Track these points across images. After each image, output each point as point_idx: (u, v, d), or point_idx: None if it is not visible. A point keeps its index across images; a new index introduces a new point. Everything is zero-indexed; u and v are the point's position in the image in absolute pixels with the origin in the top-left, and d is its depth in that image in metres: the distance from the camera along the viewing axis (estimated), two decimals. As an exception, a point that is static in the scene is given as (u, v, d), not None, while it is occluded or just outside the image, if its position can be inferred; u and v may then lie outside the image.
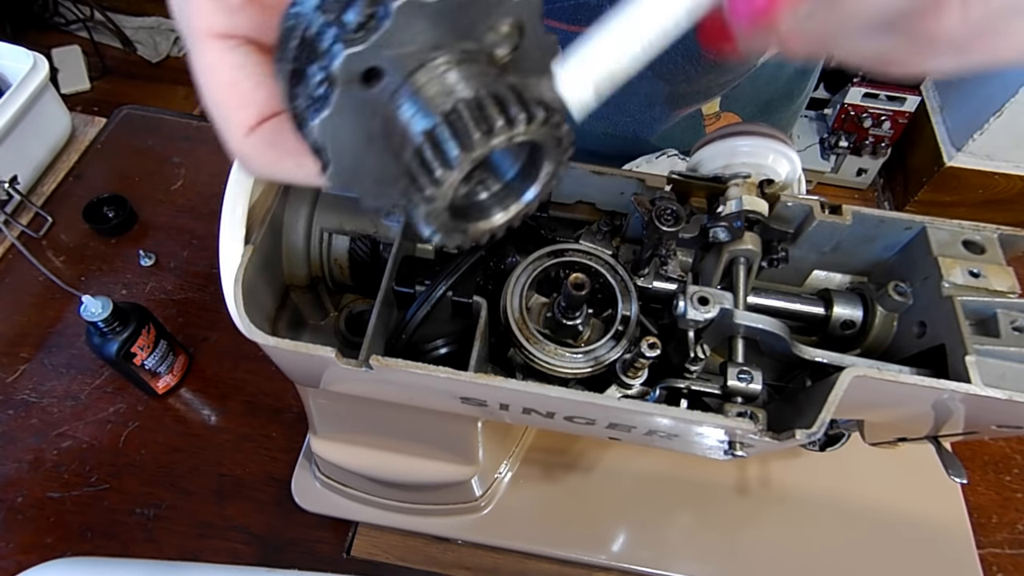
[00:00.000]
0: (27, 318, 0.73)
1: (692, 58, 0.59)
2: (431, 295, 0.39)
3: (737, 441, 0.37)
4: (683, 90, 0.64)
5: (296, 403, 0.67)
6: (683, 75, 0.61)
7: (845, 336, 0.43)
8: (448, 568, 0.59)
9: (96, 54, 2.20)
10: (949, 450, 0.43)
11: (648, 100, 0.66)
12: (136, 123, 0.92)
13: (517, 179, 0.25)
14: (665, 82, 0.63)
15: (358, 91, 0.20)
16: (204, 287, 0.76)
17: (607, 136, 0.71)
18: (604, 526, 0.59)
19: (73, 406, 0.67)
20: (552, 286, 0.44)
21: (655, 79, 0.62)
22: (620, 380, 0.38)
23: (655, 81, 0.62)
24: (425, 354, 0.41)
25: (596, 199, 0.46)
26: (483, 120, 0.20)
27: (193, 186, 0.85)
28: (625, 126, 0.70)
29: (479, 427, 0.50)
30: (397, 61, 0.20)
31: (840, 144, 1.99)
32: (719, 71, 0.61)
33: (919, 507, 0.60)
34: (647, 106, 0.67)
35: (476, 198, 0.25)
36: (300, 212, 0.44)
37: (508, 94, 0.20)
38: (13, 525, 0.60)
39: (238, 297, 0.36)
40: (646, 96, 0.65)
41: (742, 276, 0.41)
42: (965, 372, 0.34)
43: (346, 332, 0.51)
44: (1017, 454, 0.67)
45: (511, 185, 0.25)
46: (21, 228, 0.79)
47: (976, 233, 0.40)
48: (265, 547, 0.60)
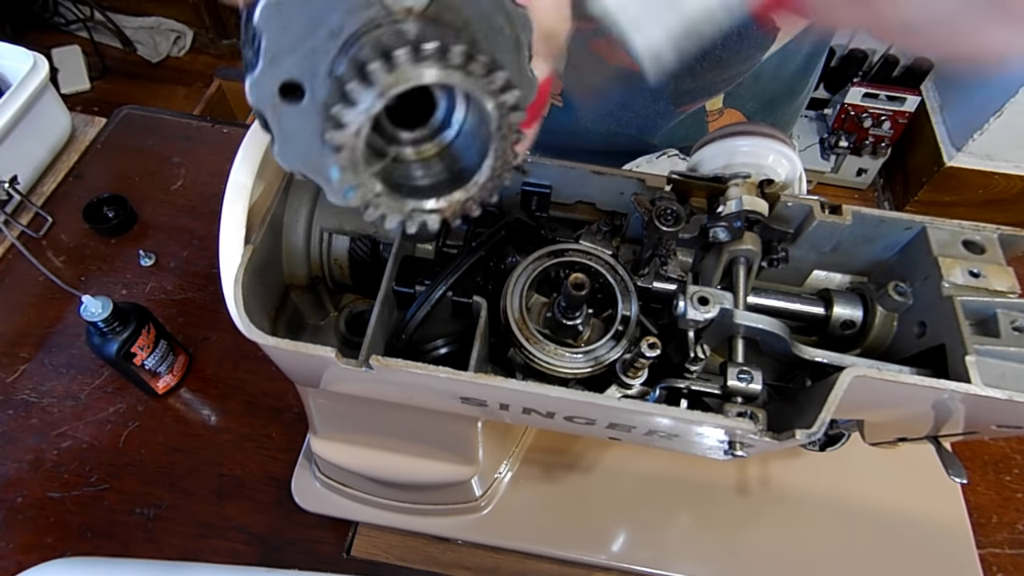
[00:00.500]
0: (27, 318, 0.73)
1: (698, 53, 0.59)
2: (431, 295, 0.39)
3: (737, 441, 0.37)
4: (688, 86, 0.65)
5: (296, 403, 0.67)
6: (688, 70, 0.61)
7: (845, 336, 0.43)
8: (448, 568, 0.59)
9: (96, 54, 2.20)
10: (949, 450, 0.43)
11: (653, 97, 0.66)
12: (136, 123, 0.92)
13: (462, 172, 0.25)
14: (671, 78, 0.63)
15: (287, 109, 0.21)
16: (204, 287, 0.76)
17: (612, 134, 0.72)
18: (604, 526, 0.59)
19: (73, 406, 0.67)
20: (552, 286, 0.44)
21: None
22: (620, 380, 0.38)
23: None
24: (425, 354, 0.41)
25: (596, 199, 0.45)
26: (387, 56, 0.19)
27: (193, 186, 0.85)
28: (630, 123, 0.70)
29: (479, 427, 0.50)
30: (302, 65, 0.20)
31: (840, 144, 1.99)
32: (724, 67, 0.61)
33: (919, 507, 0.60)
34: (652, 103, 0.67)
35: (415, 179, 0.25)
36: (300, 212, 0.44)
37: (420, 35, 0.20)
38: (13, 525, 0.60)
39: (238, 297, 0.36)
40: (651, 93, 0.65)
41: (742, 276, 0.41)
42: (965, 372, 0.34)
43: (346, 332, 0.51)
44: (1017, 454, 0.67)
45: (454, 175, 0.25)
46: (21, 228, 0.79)
47: (976, 233, 0.40)
48: (265, 547, 0.60)
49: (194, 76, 2.24)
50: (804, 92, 0.75)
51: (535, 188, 0.45)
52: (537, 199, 0.46)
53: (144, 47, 2.27)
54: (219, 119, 0.94)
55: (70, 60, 2.17)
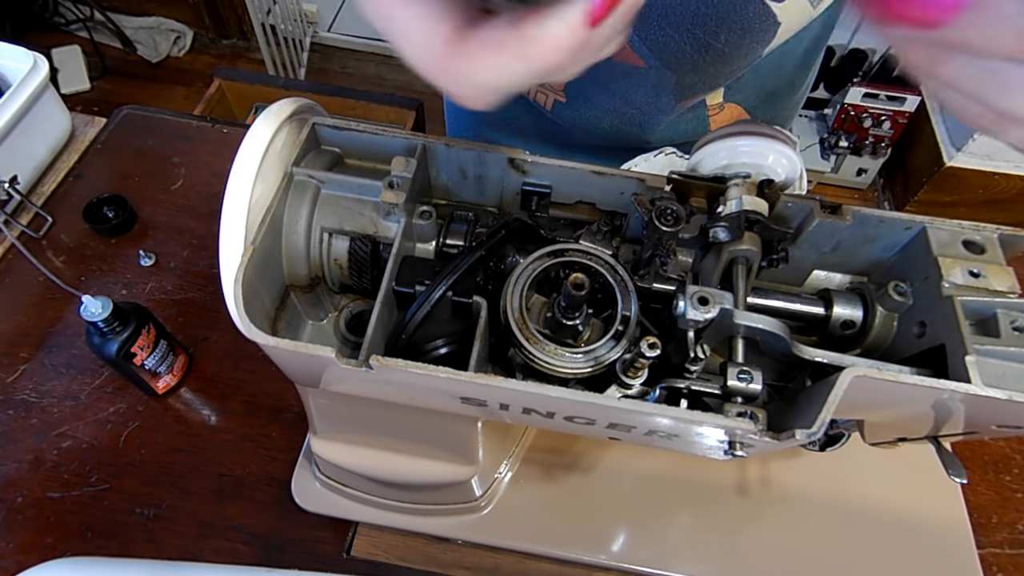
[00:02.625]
0: (27, 318, 0.73)
1: (701, 47, 0.60)
2: (431, 295, 0.39)
3: (737, 441, 0.37)
4: (690, 80, 0.65)
5: (296, 403, 0.67)
6: (691, 64, 0.62)
7: (845, 336, 0.43)
8: (448, 568, 0.59)
9: (96, 54, 2.21)
10: (949, 450, 0.43)
11: (656, 91, 0.66)
12: (136, 123, 0.92)
13: None
14: (673, 72, 0.63)
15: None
16: (204, 287, 0.76)
17: (614, 128, 0.72)
18: (604, 526, 0.59)
19: (73, 406, 0.67)
20: (552, 286, 0.44)
21: (663, 68, 0.63)
22: (620, 380, 0.38)
23: (663, 71, 0.63)
24: (425, 354, 0.41)
25: (596, 199, 0.46)
26: None
27: (193, 186, 0.85)
28: (632, 118, 0.70)
29: (479, 427, 0.50)
30: None
31: (840, 144, 1.99)
32: (726, 61, 0.62)
33: (919, 507, 0.60)
34: (654, 96, 0.67)
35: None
36: (300, 212, 0.44)
37: None
38: (13, 525, 0.60)
39: (238, 297, 0.36)
40: (653, 87, 0.66)
41: (742, 276, 0.41)
42: (965, 372, 0.34)
43: (346, 332, 0.51)
44: (1017, 454, 0.67)
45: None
46: (21, 228, 0.79)
47: (976, 233, 0.40)
48: (265, 547, 0.60)
49: (194, 76, 2.24)
50: (804, 86, 0.76)
51: (535, 188, 0.45)
52: (537, 199, 0.46)
53: (144, 47, 2.27)
54: (219, 119, 0.94)
55: (70, 60, 2.17)
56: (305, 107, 0.46)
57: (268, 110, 0.43)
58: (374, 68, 2.39)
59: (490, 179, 0.46)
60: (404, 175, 0.41)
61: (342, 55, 2.42)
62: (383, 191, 0.41)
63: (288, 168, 0.42)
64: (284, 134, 0.44)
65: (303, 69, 2.25)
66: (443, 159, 0.45)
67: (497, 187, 0.46)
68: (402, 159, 0.42)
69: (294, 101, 0.45)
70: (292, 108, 0.44)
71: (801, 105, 0.80)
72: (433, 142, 0.44)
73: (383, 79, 2.36)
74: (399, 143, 0.44)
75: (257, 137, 0.41)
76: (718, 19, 0.57)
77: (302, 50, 2.25)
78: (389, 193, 0.41)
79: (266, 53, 2.04)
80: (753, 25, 0.58)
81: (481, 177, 0.46)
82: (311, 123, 0.44)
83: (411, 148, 0.44)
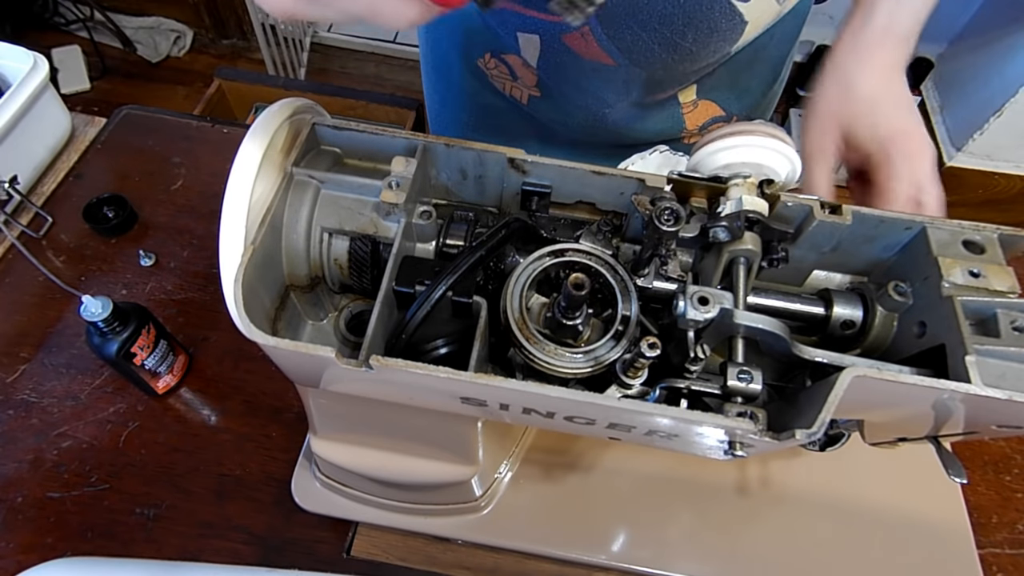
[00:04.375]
0: (27, 318, 0.73)
1: (669, 46, 0.60)
2: (431, 295, 0.39)
3: (737, 441, 0.37)
4: (660, 76, 0.67)
5: (296, 403, 0.67)
6: (660, 62, 0.63)
7: (845, 336, 0.43)
8: (448, 568, 0.59)
9: (96, 54, 2.20)
10: (949, 450, 0.43)
11: (626, 87, 0.68)
12: (136, 123, 0.92)
13: None
14: (642, 69, 0.64)
15: None
16: (204, 287, 0.76)
17: (589, 125, 0.73)
18: (604, 526, 0.59)
19: (73, 406, 0.67)
20: (552, 286, 0.44)
21: (632, 67, 0.63)
22: (620, 380, 0.38)
23: (632, 68, 0.64)
24: (425, 354, 0.41)
25: (596, 199, 0.46)
26: None
27: (193, 186, 0.85)
28: (605, 116, 0.72)
29: (479, 427, 0.50)
30: None
31: (840, 144, 1.99)
32: (694, 59, 0.64)
33: (919, 507, 0.60)
34: (625, 93, 0.69)
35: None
36: (300, 212, 0.44)
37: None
38: (13, 525, 0.60)
39: (238, 297, 0.36)
40: (624, 83, 0.67)
41: (742, 276, 0.41)
42: (965, 372, 0.34)
43: (346, 332, 0.51)
44: (1017, 454, 0.67)
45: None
46: (21, 228, 0.79)
47: (976, 233, 0.40)
48: (265, 547, 0.60)
49: (194, 76, 2.24)
50: (778, 81, 0.78)
51: (535, 188, 0.45)
52: (537, 199, 0.46)
53: (144, 47, 2.27)
54: (219, 119, 0.94)
55: (70, 60, 2.17)
56: (305, 107, 0.46)
57: (268, 110, 0.43)
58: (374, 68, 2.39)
59: (490, 179, 0.46)
60: (404, 175, 0.41)
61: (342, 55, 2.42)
62: (383, 191, 0.41)
63: (288, 168, 0.42)
64: (284, 134, 0.44)
65: (303, 69, 2.25)
66: (443, 159, 0.45)
67: (497, 187, 0.46)
68: (402, 159, 0.42)
69: (294, 101, 0.45)
70: (292, 108, 0.44)
71: (776, 100, 0.81)
72: (433, 142, 0.44)
73: (383, 79, 2.36)
74: (399, 143, 0.44)
75: (257, 137, 0.41)
76: (685, 19, 0.58)
77: (302, 50, 2.25)
78: (389, 193, 0.41)
79: (266, 53, 2.04)
80: (720, 24, 0.59)
81: (481, 177, 0.46)
82: (311, 123, 0.44)
83: (411, 148, 0.44)
